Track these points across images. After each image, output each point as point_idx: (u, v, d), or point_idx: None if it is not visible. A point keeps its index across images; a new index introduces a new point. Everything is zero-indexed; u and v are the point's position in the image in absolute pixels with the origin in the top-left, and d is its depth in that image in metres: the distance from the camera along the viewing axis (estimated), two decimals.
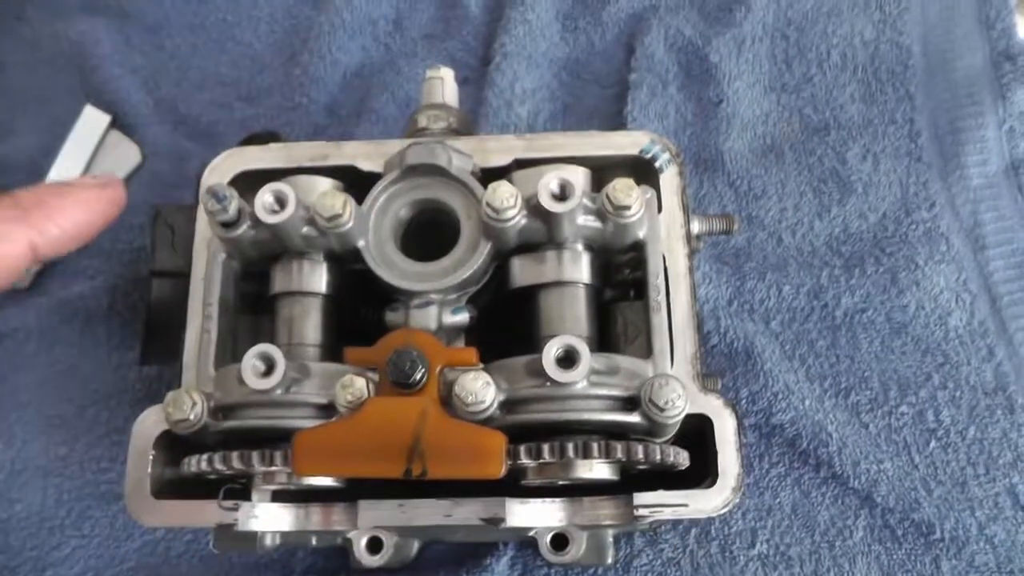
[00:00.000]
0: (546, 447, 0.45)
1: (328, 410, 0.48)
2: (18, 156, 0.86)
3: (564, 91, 0.85)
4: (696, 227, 0.62)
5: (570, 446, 0.45)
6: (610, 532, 0.67)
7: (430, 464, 0.42)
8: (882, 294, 0.75)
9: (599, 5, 0.89)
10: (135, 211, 0.82)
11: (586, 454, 0.45)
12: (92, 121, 0.85)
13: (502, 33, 0.85)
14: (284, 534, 0.65)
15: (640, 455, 0.46)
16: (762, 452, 0.71)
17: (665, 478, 0.52)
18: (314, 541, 0.67)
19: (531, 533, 0.62)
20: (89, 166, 0.84)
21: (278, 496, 0.55)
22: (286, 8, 0.92)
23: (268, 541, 0.65)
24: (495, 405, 0.46)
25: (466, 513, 0.50)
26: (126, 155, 0.85)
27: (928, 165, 0.80)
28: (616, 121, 0.82)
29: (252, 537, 0.63)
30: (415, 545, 0.68)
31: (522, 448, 0.45)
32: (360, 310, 0.58)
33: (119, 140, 0.86)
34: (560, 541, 0.63)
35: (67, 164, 0.84)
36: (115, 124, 0.86)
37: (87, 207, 0.44)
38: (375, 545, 0.64)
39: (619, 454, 0.45)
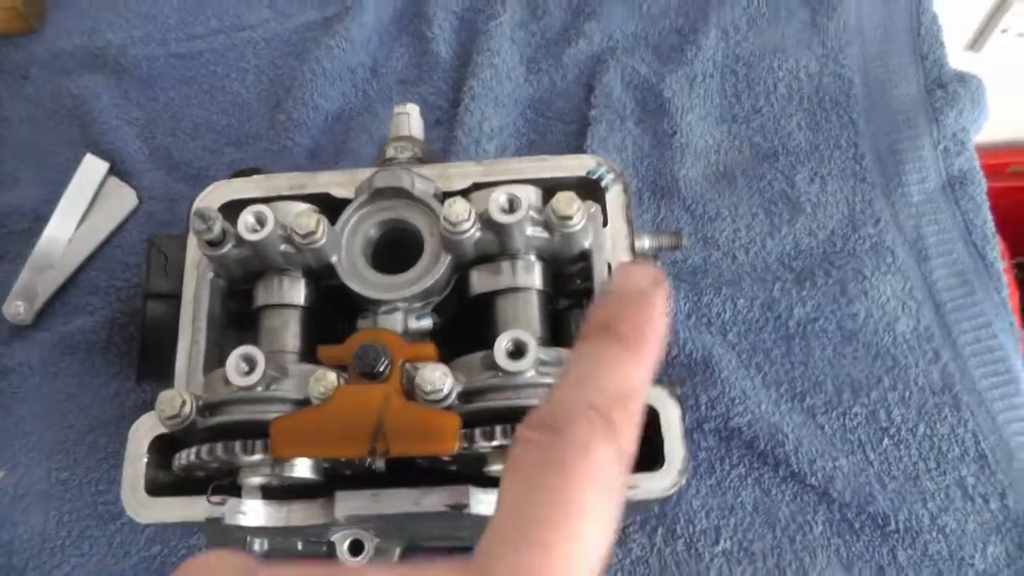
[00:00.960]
0: (499, 429, 0.50)
1: (304, 405, 0.52)
2: (23, 204, 0.92)
3: (529, 128, 0.91)
4: (646, 243, 0.67)
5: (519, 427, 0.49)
6: None
7: (392, 443, 0.47)
8: (832, 304, 0.80)
9: (560, 48, 0.95)
10: (131, 251, 0.88)
11: None
12: (91, 168, 0.91)
13: (470, 77, 0.91)
14: (271, 540, 0.70)
15: None
16: (722, 455, 0.75)
17: None
18: (300, 547, 0.71)
19: None
20: (88, 210, 0.90)
21: (263, 494, 0.59)
22: (271, 59, 0.98)
23: (257, 547, 0.69)
24: (453, 395, 0.51)
25: (433, 501, 0.55)
26: (123, 199, 0.91)
27: (872, 184, 0.86)
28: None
29: (241, 543, 0.68)
30: (396, 551, 0.72)
31: (477, 431, 0.50)
32: (336, 326, 0.63)
33: (117, 186, 0.91)
34: None
35: (68, 209, 0.90)
36: (113, 171, 0.92)
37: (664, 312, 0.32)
38: (356, 547, 0.69)
39: None
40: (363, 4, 0.96)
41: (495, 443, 0.50)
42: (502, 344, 0.51)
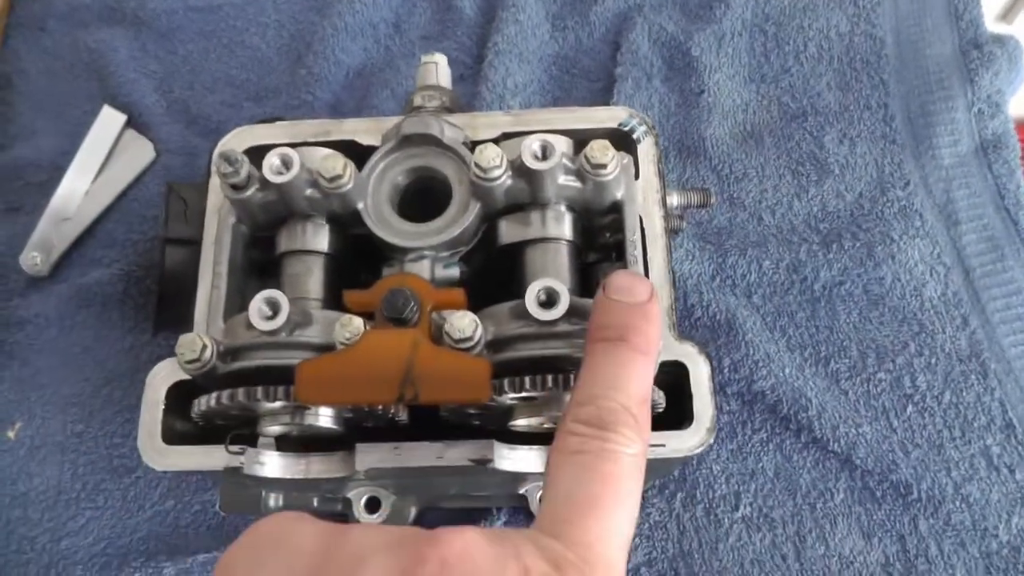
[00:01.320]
0: (527, 379, 0.49)
1: (329, 351, 0.51)
2: (40, 156, 0.91)
3: (554, 85, 0.90)
4: (675, 200, 0.66)
5: (550, 378, 0.48)
6: None
7: (421, 390, 0.46)
8: (859, 267, 0.79)
9: (586, 5, 0.93)
10: (148, 204, 0.87)
11: (566, 385, 0.48)
12: (109, 121, 0.90)
13: (495, 33, 0.89)
14: (286, 495, 0.69)
15: None
16: (744, 419, 0.74)
17: None
18: (315, 503, 0.71)
19: (522, 491, 0.66)
20: (106, 163, 0.89)
21: (281, 446, 0.58)
22: (291, 14, 0.97)
23: (271, 503, 0.69)
24: (482, 344, 0.50)
25: (457, 455, 0.54)
26: (141, 152, 0.89)
27: (902, 147, 0.84)
28: None
29: (256, 499, 0.67)
30: (412, 510, 0.72)
31: (506, 381, 0.49)
32: (360, 275, 0.62)
33: (134, 138, 0.90)
34: None
35: (85, 161, 0.88)
36: (130, 124, 0.91)
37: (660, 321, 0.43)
38: (373, 504, 0.68)
39: None
40: None
41: (524, 394, 0.49)
42: (534, 292, 0.50)
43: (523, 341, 0.50)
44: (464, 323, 0.49)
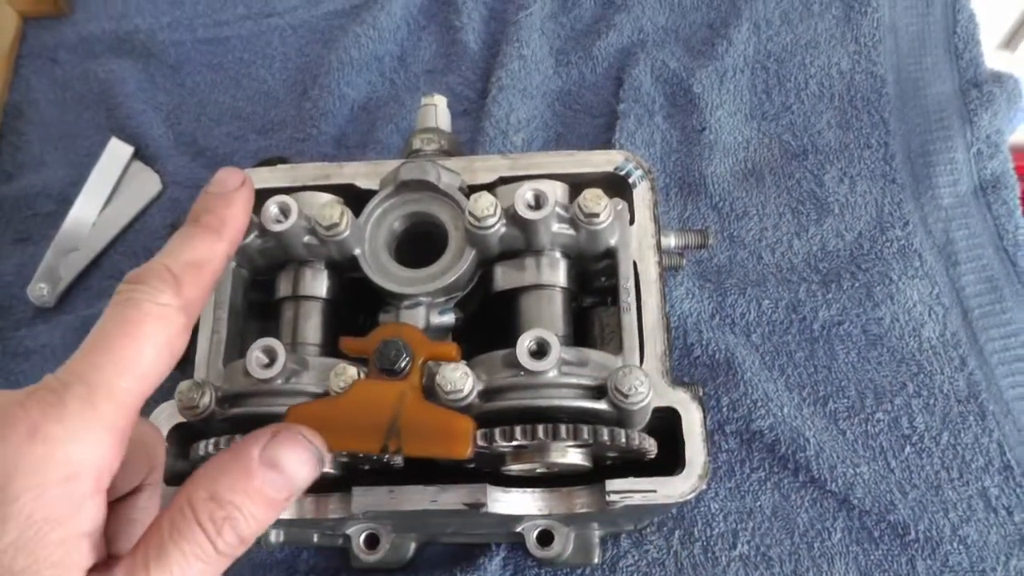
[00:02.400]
0: (518, 429, 0.49)
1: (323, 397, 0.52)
2: (49, 186, 0.92)
3: (557, 121, 0.91)
4: (673, 241, 0.66)
5: (540, 428, 0.49)
6: (597, 532, 0.71)
7: (405, 443, 0.46)
8: (858, 307, 0.79)
9: (590, 41, 0.94)
10: (153, 236, 0.89)
11: (555, 435, 0.49)
12: (116, 152, 0.92)
13: (498, 68, 0.90)
14: (288, 532, 0.70)
15: (606, 437, 0.50)
16: (743, 457, 0.75)
17: (638, 469, 0.56)
18: (316, 539, 0.71)
19: (519, 529, 0.66)
20: (113, 194, 0.90)
21: None
22: (298, 47, 0.98)
23: (272, 538, 0.70)
24: (474, 394, 0.50)
25: (450, 499, 0.55)
26: (147, 184, 0.91)
27: (902, 186, 0.85)
28: (606, 149, 0.86)
29: None
30: (411, 546, 0.73)
31: (497, 431, 0.49)
32: (358, 319, 0.63)
33: (141, 170, 0.92)
34: (545, 537, 0.67)
35: (93, 192, 0.90)
36: (138, 155, 0.92)
37: (246, 206, 0.47)
38: (372, 541, 0.69)
39: (586, 435, 0.49)
40: None
41: (514, 443, 0.50)
42: (525, 343, 0.50)
43: (514, 391, 0.51)
44: (456, 376, 0.49)
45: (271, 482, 0.41)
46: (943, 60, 0.90)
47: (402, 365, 0.49)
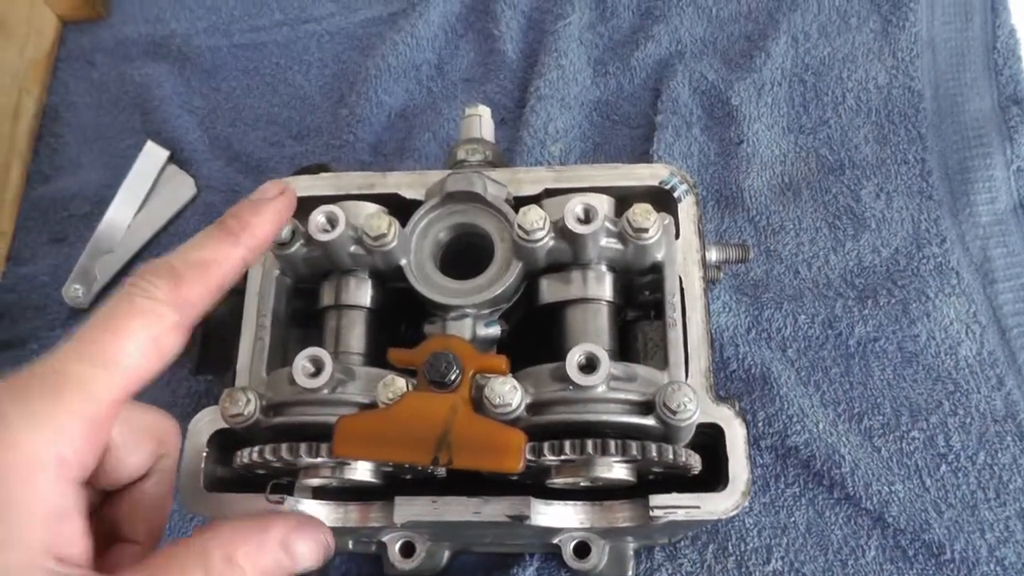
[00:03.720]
0: (567, 444, 0.49)
1: (370, 408, 0.52)
2: (85, 188, 0.93)
3: (595, 131, 0.91)
4: (713, 255, 0.66)
5: (590, 443, 0.49)
6: (631, 545, 0.71)
7: (456, 455, 0.47)
8: (894, 324, 0.79)
9: (628, 51, 0.94)
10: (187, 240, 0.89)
11: (604, 451, 0.49)
12: (152, 156, 0.92)
13: (536, 77, 0.91)
14: None
15: (654, 453, 0.50)
16: (778, 473, 0.74)
17: (680, 484, 0.56)
18: (351, 545, 0.71)
19: (555, 540, 0.66)
20: (148, 197, 0.91)
21: (319, 495, 0.59)
22: (335, 54, 0.99)
23: None
24: (522, 407, 0.51)
25: (493, 510, 0.55)
26: (182, 187, 0.91)
27: (939, 203, 0.84)
28: (643, 160, 0.87)
29: None
30: (446, 554, 0.72)
31: (545, 445, 0.49)
32: (401, 328, 0.63)
33: (176, 173, 0.92)
34: (582, 549, 0.67)
35: (128, 195, 0.90)
36: (173, 159, 0.93)
37: (276, 217, 0.48)
38: (408, 549, 0.69)
39: (634, 451, 0.49)
40: (430, 1, 0.96)
41: (563, 457, 0.50)
42: (575, 357, 0.50)
43: (563, 405, 0.51)
44: (505, 390, 0.49)
45: (279, 562, 0.44)
46: (982, 76, 0.90)
47: (452, 378, 0.49)
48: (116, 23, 1.03)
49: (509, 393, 0.50)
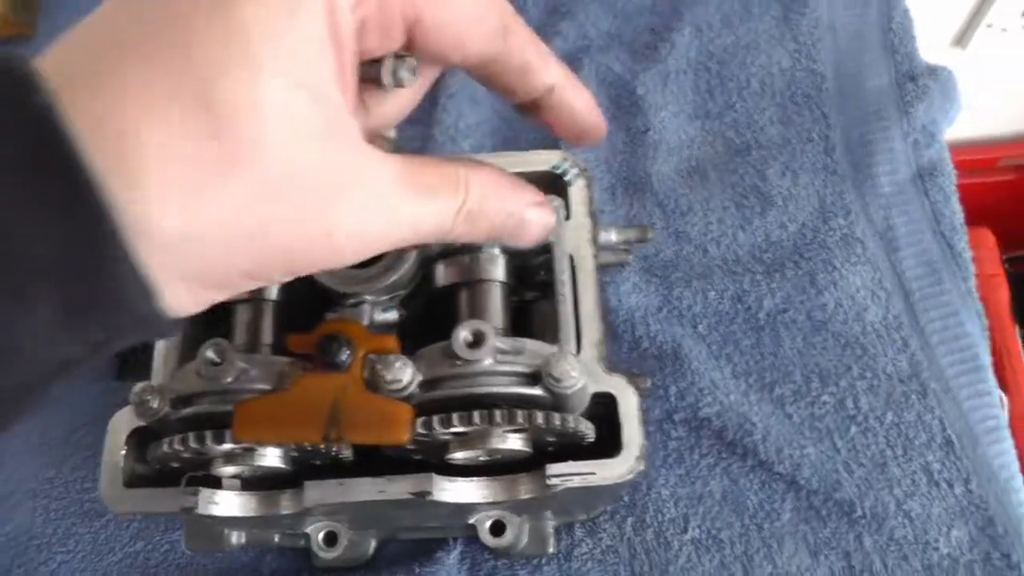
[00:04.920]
0: (456, 416, 0.51)
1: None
2: None
3: (505, 126, 0.93)
4: (613, 236, 0.69)
5: (476, 414, 0.51)
6: (551, 523, 0.73)
7: (345, 431, 0.49)
8: (802, 295, 0.81)
9: None
10: None
11: (491, 420, 0.51)
12: None
13: (448, 76, 0.93)
14: (249, 533, 0.72)
15: (541, 421, 0.52)
16: (692, 444, 0.77)
17: (580, 454, 0.58)
18: (277, 539, 0.73)
19: (472, 520, 0.68)
20: None
21: (244, 487, 0.61)
22: None
23: (234, 540, 0.71)
24: (414, 384, 0.53)
25: (398, 488, 0.57)
26: None
27: (843, 177, 0.87)
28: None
29: (219, 536, 0.70)
30: (372, 543, 0.74)
31: (435, 418, 0.52)
32: (310, 320, 0.65)
33: None
34: (498, 528, 0.69)
35: None
36: None
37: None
38: (331, 539, 0.71)
39: (520, 419, 0.51)
40: None
41: (453, 430, 0.52)
42: (461, 334, 0.52)
43: (452, 380, 0.53)
44: (395, 366, 0.51)
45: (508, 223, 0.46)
46: (880, 56, 0.93)
47: (343, 358, 0.51)
48: (41, 43, 1.03)
49: (400, 370, 0.52)
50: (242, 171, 0.31)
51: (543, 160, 0.65)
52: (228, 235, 0.32)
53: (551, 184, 0.64)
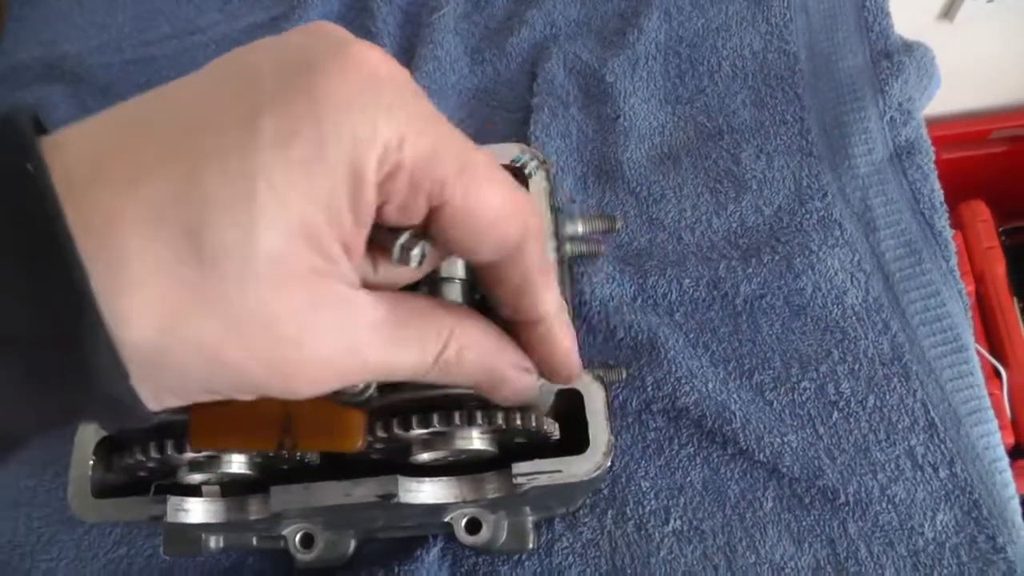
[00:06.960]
0: (415, 418, 0.51)
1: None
2: None
3: (474, 118, 0.92)
4: (580, 228, 0.68)
5: (434, 416, 0.50)
6: (530, 518, 0.73)
7: (299, 439, 0.48)
8: (779, 280, 0.80)
9: (503, 38, 0.95)
10: None
11: (449, 422, 0.50)
12: None
13: (414, 70, 0.92)
14: (227, 537, 0.71)
15: (500, 420, 0.51)
16: (671, 435, 0.76)
17: (549, 452, 0.57)
18: (255, 542, 0.72)
19: (446, 519, 0.68)
20: None
21: (206, 493, 0.60)
22: None
23: (212, 544, 0.71)
24: (372, 389, 0.52)
25: (363, 492, 0.56)
26: None
27: (819, 158, 0.86)
28: (522, 143, 0.88)
29: (197, 540, 0.69)
30: (351, 543, 0.74)
31: (395, 420, 0.51)
32: None
33: None
34: (474, 525, 0.69)
35: None
36: None
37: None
38: (307, 540, 0.70)
39: (480, 420, 0.51)
40: (308, 3, 0.97)
41: (413, 433, 0.51)
42: None
43: (410, 383, 0.52)
44: None
45: (489, 377, 0.45)
46: (854, 34, 0.92)
47: None
48: (8, 50, 1.04)
49: None
50: (219, 307, 0.32)
51: (504, 153, 0.64)
52: (195, 357, 0.33)
53: (514, 176, 0.63)
